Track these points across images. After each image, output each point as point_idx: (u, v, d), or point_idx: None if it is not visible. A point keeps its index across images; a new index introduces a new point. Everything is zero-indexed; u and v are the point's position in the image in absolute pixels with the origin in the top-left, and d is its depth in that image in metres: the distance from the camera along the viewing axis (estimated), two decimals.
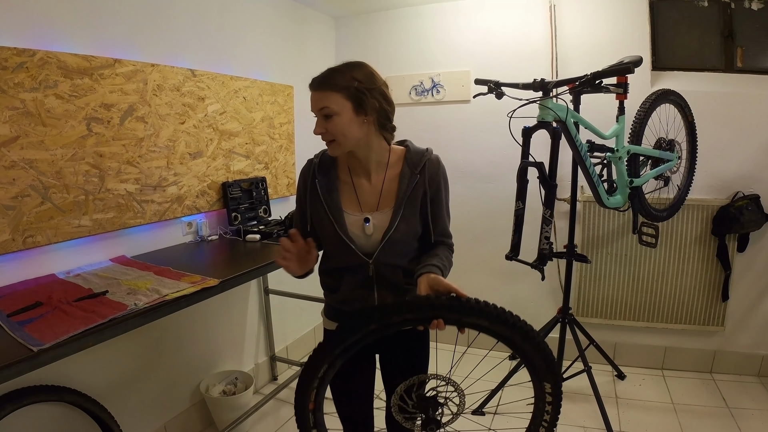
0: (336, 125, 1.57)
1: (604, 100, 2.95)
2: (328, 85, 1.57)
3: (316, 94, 1.59)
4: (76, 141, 2.14)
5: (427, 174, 1.73)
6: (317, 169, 1.71)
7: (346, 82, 1.57)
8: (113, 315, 1.70)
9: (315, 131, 1.62)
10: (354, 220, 1.67)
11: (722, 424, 2.99)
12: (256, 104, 3.13)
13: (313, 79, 1.60)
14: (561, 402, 1.54)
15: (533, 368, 1.51)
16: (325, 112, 1.57)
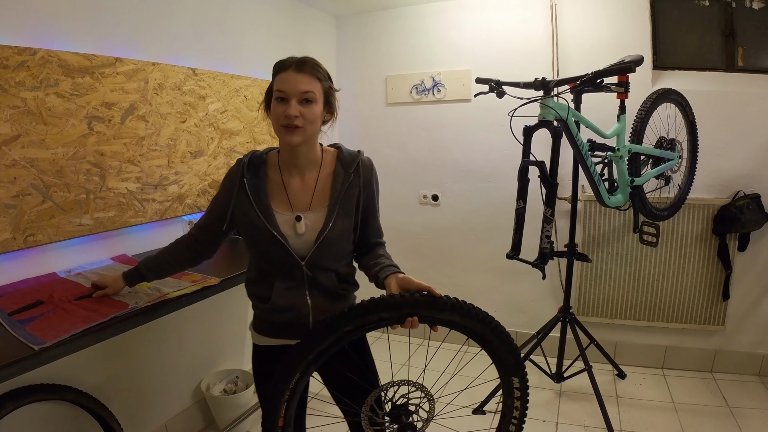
0: (311, 113, 1.55)
1: (605, 99, 2.95)
2: (315, 72, 1.57)
3: (302, 76, 1.54)
4: (77, 140, 2.14)
5: (361, 175, 1.70)
6: (246, 168, 1.64)
7: (324, 76, 1.60)
8: (114, 314, 1.70)
9: (289, 113, 1.51)
10: (285, 219, 1.63)
11: (723, 424, 2.99)
12: (257, 103, 3.12)
13: (297, 60, 1.57)
14: (528, 397, 1.54)
15: (501, 364, 1.57)
16: (308, 97, 1.54)
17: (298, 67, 1.54)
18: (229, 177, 1.68)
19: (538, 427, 3.02)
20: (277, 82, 1.56)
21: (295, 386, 1.44)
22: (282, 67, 1.57)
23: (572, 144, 2.58)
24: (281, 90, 1.53)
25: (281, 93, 1.53)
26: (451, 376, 3.51)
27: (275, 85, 1.56)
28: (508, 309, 3.98)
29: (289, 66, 1.55)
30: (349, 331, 1.38)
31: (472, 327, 1.46)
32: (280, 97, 1.54)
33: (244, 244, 1.75)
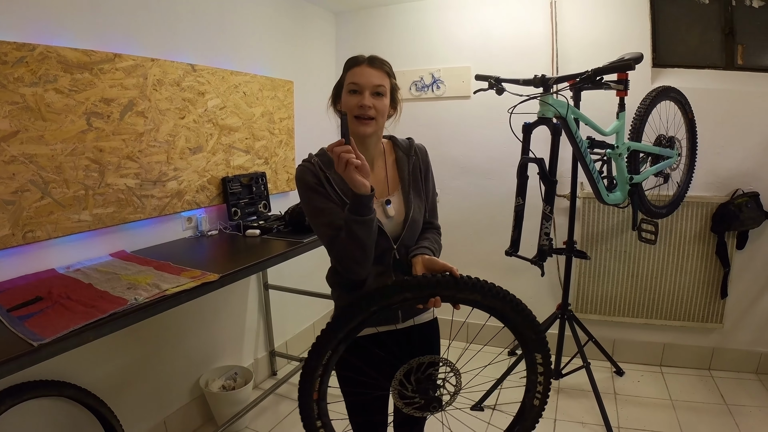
0: (382, 105, 1.64)
1: (604, 96, 2.95)
2: (386, 67, 1.67)
3: (374, 71, 1.63)
4: (76, 136, 2.14)
5: (420, 157, 1.85)
6: (321, 166, 1.65)
7: (392, 73, 1.71)
8: (113, 310, 1.70)
9: (364, 102, 1.60)
10: (375, 205, 1.63)
11: (720, 421, 3.00)
12: (256, 99, 3.13)
13: (369, 57, 1.65)
14: (551, 372, 1.56)
15: (524, 340, 1.59)
16: (380, 90, 1.63)
17: (370, 62, 1.63)
18: (311, 175, 1.64)
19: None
20: (350, 75, 1.63)
21: (327, 362, 1.50)
22: (355, 62, 1.64)
23: (571, 141, 2.58)
24: (355, 83, 1.61)
25: (355, 86, 1.61)
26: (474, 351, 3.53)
27: (348, 78, 1.64)
28: None
29: (362, 62, 1.63)
30: (375, 310, 1.43)
31: (493, 305, 1.51)
32: (353, 89, 1.62)
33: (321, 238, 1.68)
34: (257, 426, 3.03)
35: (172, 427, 2.82)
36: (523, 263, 2.74)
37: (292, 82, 3.48)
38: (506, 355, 3.93)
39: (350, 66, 1.65)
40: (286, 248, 2.56)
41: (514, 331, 1.59)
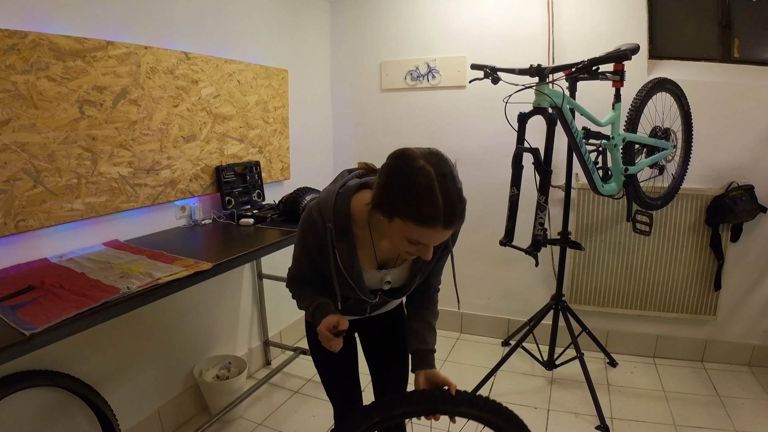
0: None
1: (600, 87, 2.95)
2: (459, 224, 1.37)
3: (448, 231, 1.34)
4: (69, 124, 2.12)
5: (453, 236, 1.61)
6: (333, 238, 1.50)
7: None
8: (106, 299, 1.69)
9: (428, 258, 1.42)
10: (371, 276, 1.64)
11: (713, 413, 3.02)
12: (250, 88, 3.11)
13: (447, 217, 1.29)
14: None
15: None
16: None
17: (447, 224, 1.30)
18: (315, 238, 1.54)
19: (529, 414, 3.04)
20: (417, 232, 1.31)
21: None
22: (429, 223, 1.28)
23: (567, 131, 2.58)
24: (421, 242, 1.36)
25: (419, 242, 1.36)
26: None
27: (414, 234, 1.32)
28: (500, 296, 4.00)
29: (437, 224, 1.29)
30: (377, 421, 1.52)
31: (488, 417, 1.57)
32: (414, 243, 1.36)
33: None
34: (251, 415, 3.03)
35: (166, 417, 2.81)
36: (517, 253, 2.74)
37: (287, 71, 3.45)
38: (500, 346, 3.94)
39: (422, 223, 1.29)
40: (280, 237, 2.55)
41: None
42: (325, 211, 1.51)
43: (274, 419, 3.00)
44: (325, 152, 4.22)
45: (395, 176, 1.33)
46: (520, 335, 3.45)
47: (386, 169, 1.37)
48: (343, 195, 1.53)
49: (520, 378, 3.46)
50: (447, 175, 1.30)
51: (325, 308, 1.59)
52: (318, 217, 1.52)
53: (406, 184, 1.29)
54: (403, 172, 1.31)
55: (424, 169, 1.28)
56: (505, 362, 3.29)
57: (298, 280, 1.72)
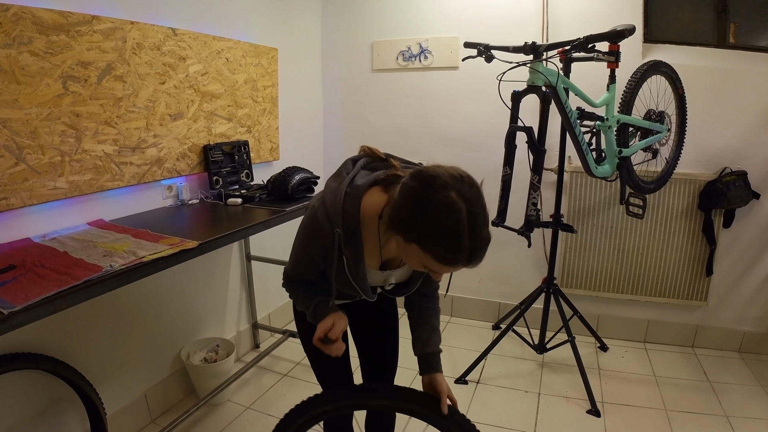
0: None
1: (594, 69, 2.93)
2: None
3: (465, 267, 1.29)
4: (52, 100, 2.06)
5: None
6: (342, 243, 1.43)
7: None
8: (88, 277, 1.65)
9: (438, 279, 1.52)
10: (375, 276, 1.60)
11: (703, 398, 3.03)
12: (239, 66, 3.05)
13: (470, 257, 1.23)
14: None
15: None
16: None
17: (469, 263, 1.25)
18: (321, 244, 1.47)
19: (520, 397, 3.03)
20: (435, 266, 1.28)
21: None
22: (451, 261, 1.24)
23: (561, 111, 2.55)
24: (439, 273, 1.36)
25: (438, 272, 1.34)
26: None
27: (430, 264, 1.28)
28: (492, 279, 3.99)
29: (458, 263, 1.24)
30: (354, 405, 1.73)
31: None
32: (433, 271, 1.34)
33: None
34: (239, 398, 3.00)
35: (153, 400, 2.78)
36: (509, 235, 2.72)
37: (277, 50, 3.39)
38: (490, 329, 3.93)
39: (440, 261, 1.25)
40: (268, 216, 2.51)
41: None
42: (333, 214, 1.41)
43: (263, 402, 2.98)
44: (315, 133, 4.17)
45: (420, 205, 1.22)
46: (510, 319, 3.44)
47: (410, 191, 1.25)
48: (352, 196, 1.42)
49: (510, 362, 3.45)
50: (478, 216, 1.21)
51: (323, 308, 1.56)
52: (325, 221, 1.42)
53: (432, 218, 1.20)
54: (430, 203, 1.20)
55: (454, 207, 1.18)
56: (495, 346, 3.29)
57: (295, 280, 1.66)
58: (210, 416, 2.84)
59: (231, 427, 2.76)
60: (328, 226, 1.42)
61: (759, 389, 3.13)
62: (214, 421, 2.80)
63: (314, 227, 1.46)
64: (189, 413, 2.65)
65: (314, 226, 1.45)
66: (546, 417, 2.86)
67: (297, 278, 1.65)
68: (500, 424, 2.79)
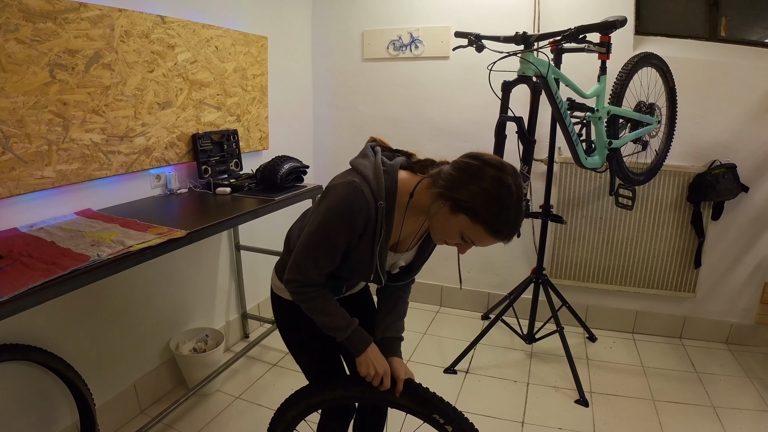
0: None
1: (585, 60, 2.93)
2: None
3: (497, 242, 1.43)
4: (39, 88, 2.03)
5: None
6: (385, 215, 1.48)
7: None
8: (75, 266, 1.64)
9: (463, 252, 1.50)
10: (391, 258, 1.65)
11: (690, 388, 3.06)
12: (228, 54, 3.02)
13: (511, 232, 1.39)
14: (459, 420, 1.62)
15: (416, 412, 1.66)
16: None
17: (506, 239, 1.40)
18: (362, 216, 1.46)
19: (509, 387, 3.05)
20: (480, 237, 1.39)
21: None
22: (498, 233, 1.37)
23: (551, 101, 2.55)
24: (475, 243, 1.43)
25: (472, 242, 1.43)
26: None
27: (474, 235, 1.39)
28: (481, 270, 4.00)
29: (501, 235, 1.39)
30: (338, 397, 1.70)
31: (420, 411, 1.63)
32: (467, 241, 1.43)
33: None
34: (229, 389, 3.00)
35: (143, 391, 2.78)
36: None
37: (266, 38, 3.36)
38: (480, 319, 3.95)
39: (489, 231, 1.37)
40: (258, 206, 2.51)
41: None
42: (377, 189, 1.45)
43: (252, 392, 2.98)
44: (305, 122, 4.15)
45: (477, 178, 1.35)
46: (500, 309, 3.45)
47: (466, 165, 1.39)
48: (390, 173, 1.50)
49: (499, 351, 3.47)
50: (522, 200, 1.39)
51: (365, 336, 1.61)
52: (370, 195, 1.44)
53: (488, 190, 1.33)
54: (486, 176, 1.34)
55: (511, 188, 1.34)
56: (484, 336, 3.30)
57: (314, 283, 1.55)
58: (199, 406, 2.84)
59: (220, 417, 2.76)
60: (373, 201, 1.45)
61: (746, 380, 3.16)
62: (203, 411, 2.80)
63: (357, 202, 1.44)
64: (178, 403, 2.65)
65: (357, 201, 1.43)
66: (535, 406, 2.88)
67: (316, 279, 1.54)
68: (489, 413, 2.81)
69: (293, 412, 1.75)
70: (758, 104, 3.21)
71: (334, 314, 1.58)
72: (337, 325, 1.58)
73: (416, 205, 1.50)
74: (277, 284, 1.77)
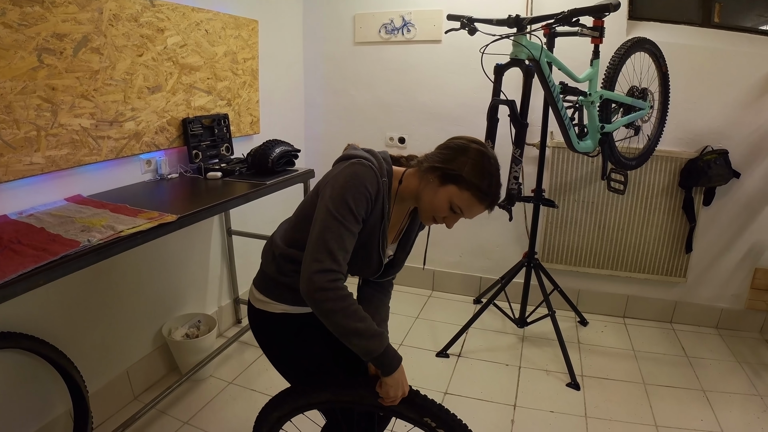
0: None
1: (577, 45, 2.91)
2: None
3: (482, 211, 1.55)
4: (27, 73, 2.00)
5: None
6: (387, 194, 1.53)
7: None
8: (65, 252, 1.63)
9: (450, 227, 1.60)
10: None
11: (681, 372, 3.10)
12: (218, 38, 2.98)
13: (492, 202, 1.52)
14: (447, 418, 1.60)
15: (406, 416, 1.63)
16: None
17: (490, 205, 1.53)
18: (374, 189, 1.47)
19: (501, 370, 3.07)
20: (468, 202, 1.50)
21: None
22: (484, 196, 1.50)
23: (544, 85, 2.54)
24: (463, 212, 1.53)
25: (460, 212, 1.53)
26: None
27: (462, 202, 1.49)
28: (473, 254, 4.01)
29: (487, 200, 1.51)
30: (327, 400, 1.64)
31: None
32: (456, 211, 1.52)
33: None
34: (222, 374, 3.01)
35: (136, 377, 2.78)
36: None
37: (257, 22, 3.32)
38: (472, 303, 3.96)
39: (476, 195, 1.47)
40: (249, 190, 2.50)
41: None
42: (380, 167, 1.52)
43: (245, 377, 2.98)
44: (296, 106, 4.12)
45: (461, 150, 1.50)
46: (491, 293, 3.46)
47: (451, 143, 1.54)
48: (386, 158, 1.59)
49: (491, 335, 3.49)
50: (499, 168, 1.54)
51: (396, 351, 1.49)
52: (377, 170, 1.50)
53: (474, 158, 1.48)
54: (479, 154, 1.49)
55: (492, 160, 1.52)
56: (476, 320, 3.32)
57: (344, 273, 1.42)
58: (193, 392, 2.85)
59: (214, 403, 2.76)
60: (379, 176, 1.49)
61: (735, 365, 3.19)
62: (197, 397, 2.81)
63: (369, 173, 1.46)
64: (171, 389, 2.65)
65: (369, 173, 1.46)
66: (526, 390, 2.90)
67: (341, 267, 1.40)
68: (481, 396, 2.83)
69: (278, 413, 1.72)
70: (751, 91, 3.22)
71: (367, 319, 1.41)
72: (372, 332, 1.40)
73: (404, 191, 1.58)
74: (259, 298, 1.68)
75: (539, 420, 2.67)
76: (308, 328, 1.67)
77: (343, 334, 1.38)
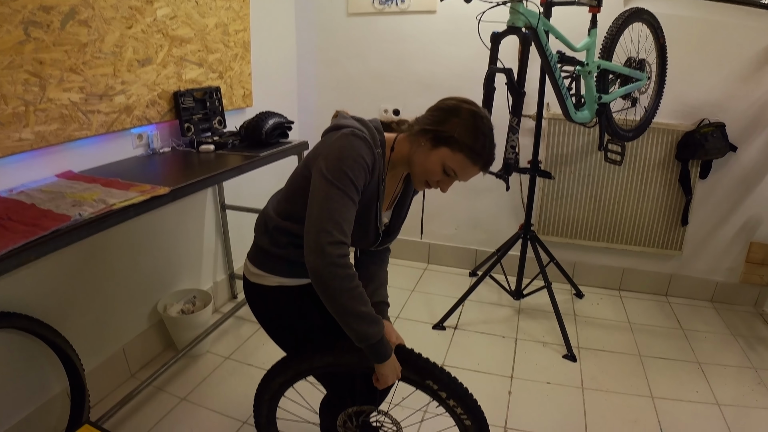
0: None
1: (575, 14, 2.87)
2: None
3: (477, 173, 1.53)
4: (13, 47, 1.95)
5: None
6: (383, 165, 1.51)
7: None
8: (56, 227, 1.60)
9: (444, 190, 1.59)
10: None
11: (676, 345, 3.12)
12: (209, 9, 2.92)
13: (487, 162, 1.50)
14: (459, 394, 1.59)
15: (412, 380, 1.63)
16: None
17: (484, 166, 1.50)
18: (371, 163, 1.44)
19: (497, 342, 3.08)
20: (461, 164, 1.46)
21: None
22: (478, 156, 1.46)
23: (541, 54, 2.51)
24: (457, 175, 1.50)
25: (454, 175, 1.50)
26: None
27: (455, 163, 1.46)
28: (468, 226, 4.00)
29: (480, 160, 1.47)
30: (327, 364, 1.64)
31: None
32: (449, 174, 1.50)
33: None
34: (218, 349, 3.00)
35: (132, 355, 2.77)
36: (486, 182, 2.71)
37: None
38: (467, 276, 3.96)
39: (469, 155, 1.44)
40: (242, 162, 2.47)
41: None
42: (372, 137, 1.48)
43: (242, 352, 2.99)
44: (289, 78, 4.06)
45: (453, 111, 1.46)
46: (487, 265, 3.46)
47: (442, 104, 1.51)
48: (378, 127, 1.55)
49: (488, 308, 3.49)
50: (492, 127, 1.50)
51: (386, 341, 1.47)
52: (371, 141, 1.45)
53: (466, 119, 1.44)
54: (470, 114, 1.45)
55: (485, 119, 1.46)
56: (472, 292, 3.32)
57: (348, 244, 1.37)
58: (189, 368, 2.85)
59: (211, 378, 2.77)
60: (374, 148, 1.46)
61: (730, 338, 3.21)
62: (193, 373, 2.81)
63: (364, 144, 1.42)
64: (168, 366, 2.65)
65: (363, 143, 1.42)
66: (523, 361, 2.91)
67: (348, 239, 1.36)
68: (478, 368, 2.84)
69: (280, 379, 1.72)
70: (748, 64, 3.19)
71: (369, 302, 1.39)
72: (374, 317, 1.38)
73: (397, 157, 1.56)
74: (254, 271, 1.66)
75: (536, 391, 2.68)
76: (305, 299, 1.66)
77: (344, 314, 1.34)
